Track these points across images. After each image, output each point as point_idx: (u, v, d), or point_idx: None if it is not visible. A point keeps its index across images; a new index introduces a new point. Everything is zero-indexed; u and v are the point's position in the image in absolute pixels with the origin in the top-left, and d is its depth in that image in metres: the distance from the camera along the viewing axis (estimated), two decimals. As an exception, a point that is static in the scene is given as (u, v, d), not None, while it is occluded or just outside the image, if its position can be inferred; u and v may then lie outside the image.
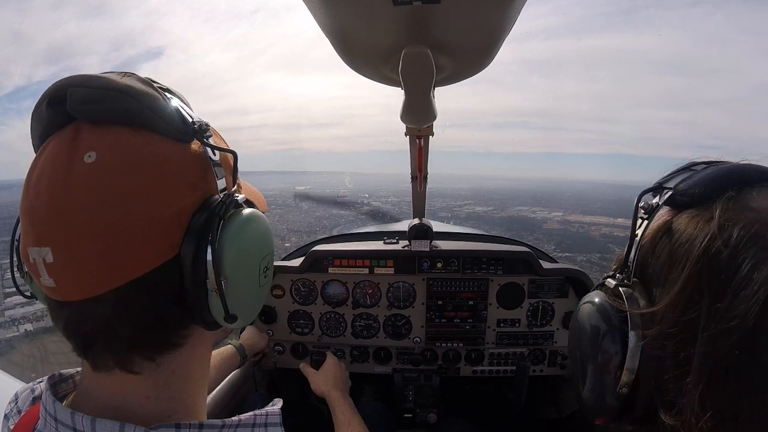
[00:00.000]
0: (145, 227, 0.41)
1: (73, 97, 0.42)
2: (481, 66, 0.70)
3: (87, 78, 0.43)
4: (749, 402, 0.37)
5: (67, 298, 0.42)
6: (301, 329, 1.81)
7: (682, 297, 0.42)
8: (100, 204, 0.40)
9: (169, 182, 0.43)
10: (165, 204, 0.42)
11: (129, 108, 0.42)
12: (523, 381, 1.61)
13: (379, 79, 0.74)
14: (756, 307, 0.37)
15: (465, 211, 26.90)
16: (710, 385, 0.39)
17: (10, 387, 1.49)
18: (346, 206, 4.34)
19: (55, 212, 0.40)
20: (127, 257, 0.41)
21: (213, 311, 0.45)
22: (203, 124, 0.46)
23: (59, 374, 0.53)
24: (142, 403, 0.47)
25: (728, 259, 0.39)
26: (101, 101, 0.42)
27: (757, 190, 0.43)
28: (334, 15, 0.54)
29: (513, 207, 28.37)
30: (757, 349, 0.37)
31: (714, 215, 0.42)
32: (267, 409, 0.53)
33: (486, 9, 0.53)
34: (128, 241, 0.41)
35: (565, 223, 24.94)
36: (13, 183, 0.71)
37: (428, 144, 1.18)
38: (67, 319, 0.44)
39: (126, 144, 0.42)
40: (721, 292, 0.39)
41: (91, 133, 0.42)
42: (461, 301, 1.75)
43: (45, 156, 0.43)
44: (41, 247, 0.40)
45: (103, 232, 0.40)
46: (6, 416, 0.54)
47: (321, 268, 1.75)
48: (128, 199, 0.41)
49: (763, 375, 0.37)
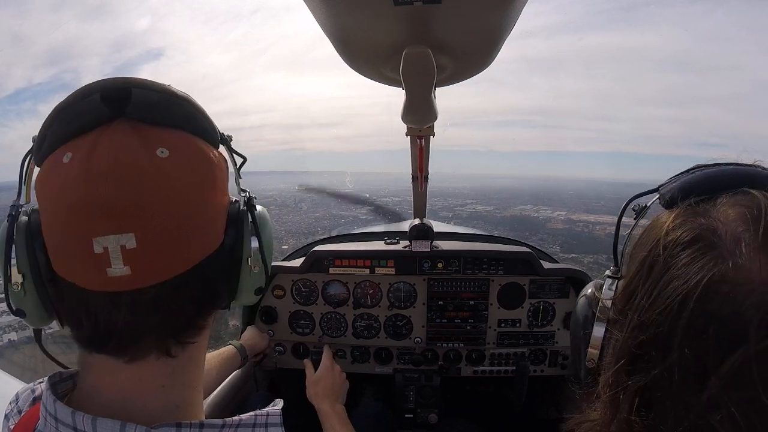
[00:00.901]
0: (208, 216, 0.48)
1: (140, 98, 0.45)
2: (482, 66, 0.70)
3: (150, 82, 0.47)
4: (656, 388, 0.41)
5: (140, 285, 0.43)
6: (302, 329, 1.82)
7: (627, 289, 0.48)
8: (176, 194, 0.44)
9: (220, 179, 0.51)
10: (220, 197, 0.50)
11: (190, 115, 0.49)
12: (524, 381, 1.61)
13: (379, 80, 0.74)
14: (669, 308, 0.40)
15: (467, 211, 26.70)
16: (626, 365, 0.44)
17: (10, 387, 1.49)
18: (357, 202, 4.30)
19: (140, 199, 0.42)
20: (196, 243, 0.47)
21: (243, 288, 0.54)
22: (228, 134, 0.54)
23: (59, 374, 0.53)
24: (155, 394, 0.48)
25: (663, 260, 0.43)
26: (168, 106, 0.47)
27: (723, 197, 0.45)
28: (335, 15, 0.54)
29: (515, 206, 28.14)
30: (667, 344, 0.40)
31: (668, 219, 0.46)
32: (267, 409, 0.53)
33: (487, 9, 0.53)
34: (199, 227, 0.47)
35: (569, 223, 24.64)
36: (13, 185, 0.69)
37: (429, 144, 1.18)
38: (127, 310, 0.44)
39: (189, 143, 0.48)
40: (650, 289, 0.43)
41: (153, 132, 0.45)
42: (462, 302, 1.75)
43: (108, 148, 0.43)
44: (122, 234, 0.41)
45: (179, 219, 0.44)
46: (6, 416, 0.54)
47: (322, 268, 1.75)
48: (199, 190, 0.47)
49: (669, 368, 0.40)
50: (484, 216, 27.49)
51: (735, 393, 0.36)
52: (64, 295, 0.46)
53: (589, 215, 24.05)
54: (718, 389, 0.37)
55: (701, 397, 0.37)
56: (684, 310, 0.39)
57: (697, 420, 0.38)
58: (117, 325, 0.44)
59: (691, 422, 0.38)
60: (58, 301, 0.47)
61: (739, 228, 0.40)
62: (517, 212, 27.05)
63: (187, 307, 0.48)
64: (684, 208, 0.46)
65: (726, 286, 0.38)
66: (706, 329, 0.38)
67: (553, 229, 23.86)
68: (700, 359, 0.38)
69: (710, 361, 0.37)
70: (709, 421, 0.37)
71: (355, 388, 1.55)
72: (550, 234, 22.33)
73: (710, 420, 0.37)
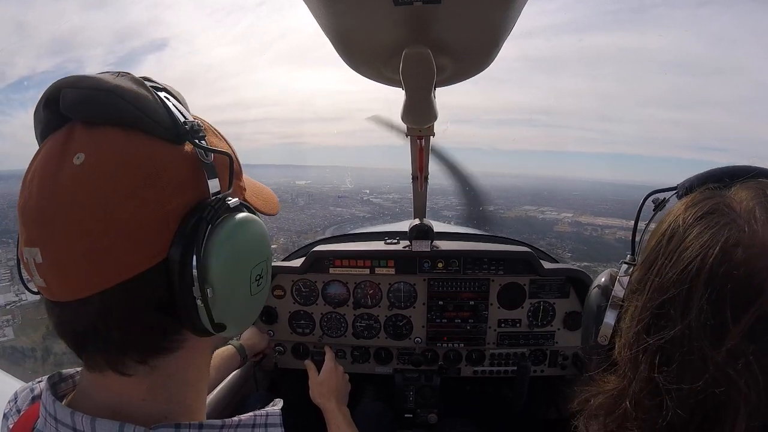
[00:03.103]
0: (132, 230, 0.41)
1: (65, 98, 0.42)
2: (482, 66, 0.70)
3: (78, 79, 0.42)
4: (677, 345, 0.43)
5: (57, 299, 0.42)
6: (302, 330, 1.81)
7: (646, 261, 0.51)
8: (85, 205, 0.40)
9: (155, 184, 0.42)
10: (152, 206, 0.42)
11: (117, 108, 0.42)
12: (524, 381, 1.61)
13: (379, 80, 0.74)
14: (690, 266, 0.43)
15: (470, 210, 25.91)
16: (647, 326, 0.47)
17: (9, 387, 1.49)
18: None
19: (42, 213, 0.41)
20: (114, 260, 0.40)
21: (202, 319, 0.44)
22: (196, 125, 0.45)
23: (59, 374, 0.53)
24: (139, 404, 0.47)
25: (682, 230, 0.47)
26: (91, 102, 0.42)
27: (738, 184, 0.49)
28: (335, 15, 0.54)
29: (520, 206, 27.76)
30: (687, 301, 0.43)
31: (688, 200, 0.50)
32: (267, 409, 0.53)
33: (487, 9, 0.53)
34: (114, 243, 0.40)
35: (576, 225, 24.06)
36: (16, 173, 0.70)
37: (429, 144, 1.18)
38: (58, 318, 0.44)
39: (113, 144, 0.42)
40: (670, 255, 0.46)
41: (82, 134, 0.43)
42: (462, 302, 1.75)
43: (39, 157, 0.43)
44: (32, 248, 0.41)
45: (89, 233, 0.40)
46: (5, 415, 0.54)
47: (322, 268, 1.75)
48: (114, 201, 0.40)
49: (688, 324, 0.42)
50: (487, 216, 27.17)
51: (752, 345, 0.39)
52: None
53: (596, 218, 23.59)
54: (736, 341, 0.40)
55: (720, 350, 0.40)
56: (703, 269, 0.42)
57: (716, 372, 0.40)
58: (64, 331, 0.45)
59: (711, 375, 0.40)
60: None
61: (752, 202, 0.45)
62: (522, 213, 26.66)
63: (124, 327, 0.43)
64: (701, 191, 0.50)
65: (740, 249, 0.41)
66: (725, 286, 0.41)
67: (561, 232, 23.33)
68: (718, 314, 0.41)
69: (729, 316, 0.40)
70: (727, 372, 0.40)
71: (355, 388, 1.55)
72: (558, 238, 21.52)
73: (729, 371, 0.40)
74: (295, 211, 21.32)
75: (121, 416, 0.44)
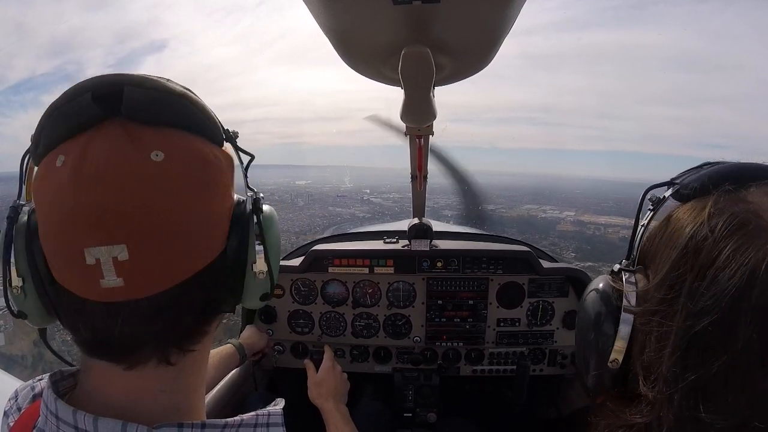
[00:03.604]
0: (210, 222, 0.46)
1: (132, 96, 0.42)
2: (481, 65, 0.70)
3: (143, 78, 0.44)
4: (720, 379, 0.39)
5: (134, 296, 0.42)
6: (301, 329, 1.82)
7: (669, 276, 0.46)
8: (172, 200, 0.42)
9: (219, 181, 0.47)
10: (220, 201, 0.47)
11: (188, 112, 0.46)
12: (523, 380, 1.61)
13: (378, 79, 0.74)
14: (732, 290, 0.39)
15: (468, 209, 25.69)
16: (685, 358, 0.41)
17: (8, 386, 1.49)
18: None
19: (132, 208, 0.40)
20: (195, 251, 0.44)
21: (249, 295, 0.51)
22: (234, 130, 0.51)
23: (60, 372, 0.53)
24: (155, 398, 0.47)
25: (712, 244, 0.42)
26: (163, 104, 0.44)
27: (755, 186, 0.46)
28: (334, 15, 0.54)
29: (521, 205, 27.51)
30: (732, 330, 0.39)
31: (707, 205, 0.46)
32: (269, 409, 0.53)
33: (486, 8, 0.53)
34: (199, 234, 0.44)
35: (579, 224, 23.64)
36: (15, 176, 0.68)
37: (428, 143, 1.18)
38: (124, 320, 0.43)
39: (187, 144, 0.45)
40: (702, 273, 0.42)
41: (151, 134, 0.43)
42: (461, 301, 1.75)
43: (99, 152, 0.41)
44: (113, 245, 0.40)
45: (176, 226, 0.42)
46: (6, 413, 0.54)
47: (321, 267, 1.75)
48: (193, 195, 0.44)
49: (735, 354, 0.38)
50: (489, 216, 26.97)
51: None
52: (62, 300, 0.45)
53: (599, 216, 23.25)
54: None
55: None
56: (748, 293, 0.38)
57: (765, 402, 0.38)
58: (113, 333, 0.43)
59: (761, 407, 0.38)
60: (58, 305, 0.46)
61: None
62: (524, 212, 26.38)
63: (188, 316, 0.46)
64: (718, 194, 0.46)
65: None
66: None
67: (564, 231, 22.98)
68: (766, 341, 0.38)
69: None
70: None
71: (354, 387, 1.55)
72: (561, 237, 21.02)
73: None
74: (295, 211, 21.14)
75: (128, 415, 0.44)
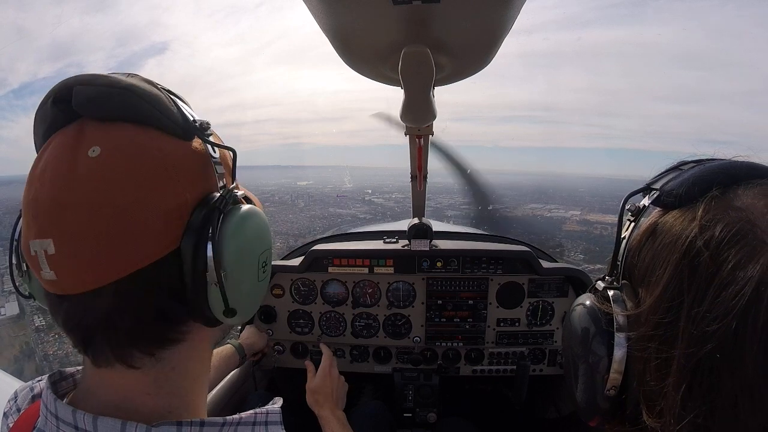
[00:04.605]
0: (147, 220, 0.42)
1: (79, 95, 0.43)
2: (481, 65, 0.70)
3: (93, 77, 0.44)
4: (730, 404, 0.37)
5: (68, 291, 0.42)
6: (300, 329, 1.82)
7: (664, 298, 0.42)
8: (103, 196, 0.41)
9: (171, 177, 0.44)
10: (167, 198, 0.44)
11: (133, 105, 0.44)
12: (523, 380, 1.61)
13: (378, 79, 0.74)
14: (738, 309, 0.36)
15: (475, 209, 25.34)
16: (691, 388, 0.38)
17: (8, 386, 1.49)
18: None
19: (58, 204, 0.41)
20: (129, 250, 0.42)
21: (212, 306, 0.46)
22: (204, 122, 0.48)
23: (59, 372, 0.53)
24: (143, 400, 0.47)
25: (709, 259, 0.39)
26: (106, 98, 0.43)
27: (742, 188, 0.43)
28: (334, 14, 0.54)
29: (526, 204, 27.31)
30: (738, 353, 0.36)
31: (696, 215, 0.42)
32: (267, 407, 0.53)
33: (486, 8, 0.53)
34: (130, 233, 0.42)
35: (585, 224, 23.08)
36: (19, 179, 0.71)
37: (428, 143, 1.18)
38: (67, 313, 0.44)
39: (129, 139, 0.43)
40: (701, 293, 0.38)
41: (95, 130, 0.44)
42: (461, 301, 1.75)
43: (50, 151, 0.44)
44: (43, 239, 0.41)
45: (106, 224, 0.41)
46: (5, 414, 0.54)
47: (321, 267, 1.75)
48: (131, 193, 0.42)
49: (744, 379, 0.36)
50: (493, 215, 26.69)
51: None
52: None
53: (605, 215, 22.90)
54: None
55: None
56: (752, 309, 0.35)
57: None
58: (72, 326, 0.44)
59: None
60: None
61: None
62: (528, 211, 26.13)
63: (136, 317, 0.44)
64: (707, 202, 0.42)
65: None
66: None
67: (571, 231, 22.61)
68: None
69: None
70: None
71: (354, 387, 1.55)
72: (568, 238, 20.26)
73: None
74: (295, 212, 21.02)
75: (125, 414, 0.45)
